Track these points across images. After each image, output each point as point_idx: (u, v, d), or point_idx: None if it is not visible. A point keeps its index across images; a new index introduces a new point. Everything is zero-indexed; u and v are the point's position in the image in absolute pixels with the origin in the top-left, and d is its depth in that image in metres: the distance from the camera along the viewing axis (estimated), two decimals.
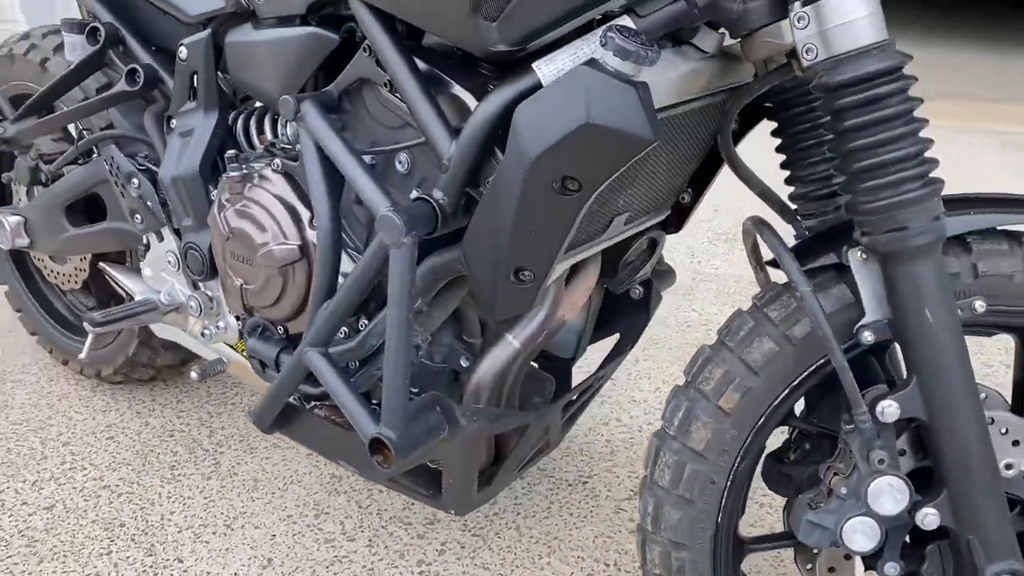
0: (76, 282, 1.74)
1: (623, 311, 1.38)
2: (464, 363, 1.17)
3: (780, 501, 1.48)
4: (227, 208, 1.20)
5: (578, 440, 1.72)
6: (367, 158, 1.05)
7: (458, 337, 1.18)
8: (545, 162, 0.86)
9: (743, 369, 0.94)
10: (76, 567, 1.43)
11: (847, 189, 0.88)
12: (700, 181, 1.23)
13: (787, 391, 0.94)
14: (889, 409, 0.88)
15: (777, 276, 1.02)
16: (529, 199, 0.89)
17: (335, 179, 1.07)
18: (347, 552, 1.45)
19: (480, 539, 1.47)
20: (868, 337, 0.90)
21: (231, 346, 1.39)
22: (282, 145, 1.19)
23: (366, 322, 1.14)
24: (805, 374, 0.94)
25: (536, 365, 1.36)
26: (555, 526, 1.50)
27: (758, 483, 1.06)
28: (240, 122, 1.30)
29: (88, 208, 1.58)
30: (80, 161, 1.52)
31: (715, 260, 2.64)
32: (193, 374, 1.29)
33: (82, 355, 1.61)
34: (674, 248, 2.71)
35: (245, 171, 1.18)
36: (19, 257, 1.91)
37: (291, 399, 1.24)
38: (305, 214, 1.15)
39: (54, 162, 1.56)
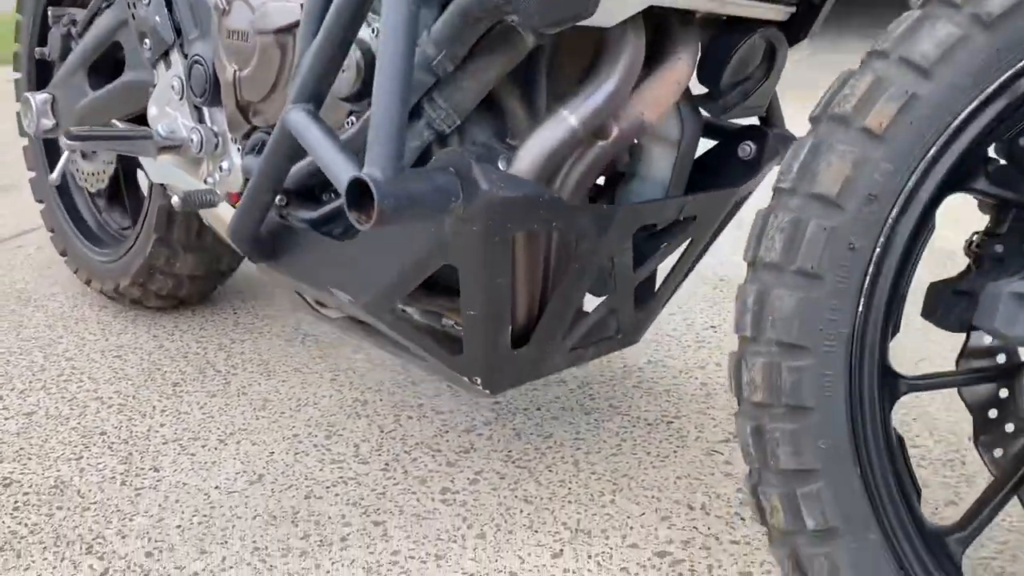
0: (103, 179, 1.57)
1: (727, 170, 1.06)
2: (503, 166, 0.87)
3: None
4: None
5: (664, 382, 1.36)
6: None
7: (498, 136, 0.89)
8: None
9: (903, 70, 0.61)
10: (38, 469, 1.17)
11: None
12: None
13: (976, 104, 0.60)
14: None
15: None
16: None
17: None
18: (356, 474, 1.13)
19: (525, 471, 1.13)
20: None
21: (231, 204, 1.14)
22: None
23: None
24: (1006, 77, 0.60)
25: None
26: (625, 464, 1.14)
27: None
28: None
29: (111, 74, 1.41)
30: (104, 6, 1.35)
31: None
32: (175, 199, 1.04)
33: (53, 175, 1.42)
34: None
35: None
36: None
37: (290, 222, 0.98)
38: None
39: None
